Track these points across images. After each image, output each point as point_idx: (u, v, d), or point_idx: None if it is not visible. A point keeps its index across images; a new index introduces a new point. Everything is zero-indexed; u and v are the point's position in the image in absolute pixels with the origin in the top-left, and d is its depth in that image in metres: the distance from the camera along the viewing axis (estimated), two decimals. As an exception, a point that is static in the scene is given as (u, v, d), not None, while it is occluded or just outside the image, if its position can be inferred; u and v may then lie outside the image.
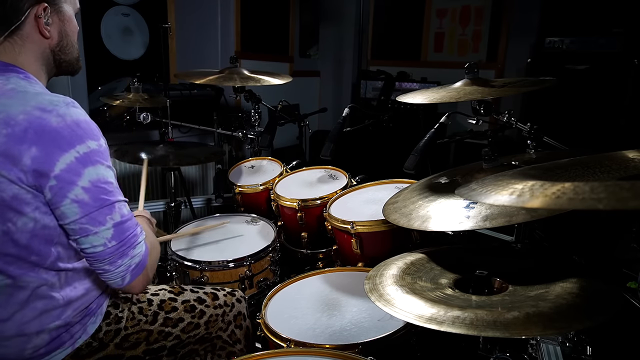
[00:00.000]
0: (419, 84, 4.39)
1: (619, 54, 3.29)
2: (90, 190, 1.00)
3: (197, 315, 1.33)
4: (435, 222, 1.23)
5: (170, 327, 1.28)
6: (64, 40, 1.13)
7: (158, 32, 2.73)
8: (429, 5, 4.80)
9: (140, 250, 1.11)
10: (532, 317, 0.90)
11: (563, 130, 2.29)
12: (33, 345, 1.06)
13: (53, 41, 1.11)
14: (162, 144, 2.47)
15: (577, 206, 0.63)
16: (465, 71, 1.51)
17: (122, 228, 1.06)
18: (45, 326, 1.06)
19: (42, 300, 1.05)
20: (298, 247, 2.11)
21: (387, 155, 3.06)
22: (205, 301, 1.37)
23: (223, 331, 1.39)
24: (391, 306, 1.05)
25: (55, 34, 1.11)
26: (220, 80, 2.38)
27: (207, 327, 1.35)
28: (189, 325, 1.31)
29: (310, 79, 5.16)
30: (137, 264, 1.10)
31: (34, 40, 1.07)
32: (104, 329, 1.18)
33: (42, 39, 1.08)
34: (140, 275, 1.12)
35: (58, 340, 1.09)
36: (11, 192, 0.96)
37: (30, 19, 1.05)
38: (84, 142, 0.99)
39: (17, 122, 0.95)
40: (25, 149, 0.94)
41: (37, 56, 1.10)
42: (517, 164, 1.42)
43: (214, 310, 1.37)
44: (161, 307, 1.29)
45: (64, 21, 1.12)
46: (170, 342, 1.28)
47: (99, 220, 1.02)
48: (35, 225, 1.00)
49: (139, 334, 1.23)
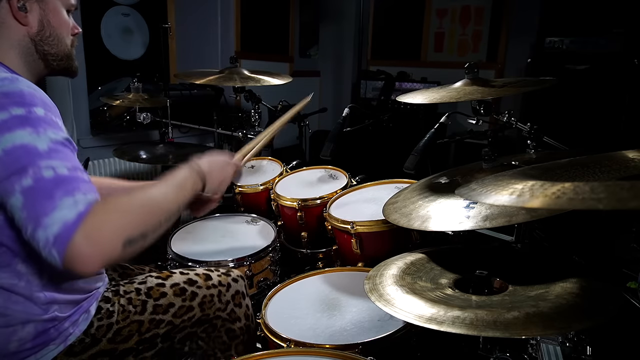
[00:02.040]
0: (419, 84, 4.39)
1: (619, 54, 3.29)
2: (1, 158, 0.87)
3: (189, 298, 1.30)
4: (435, 222, 1.23)
5: (161, 314, 1.24)
6: (46, 30, 1.09)
7: (158, 32, 2.74)
8: (429, 5, 4.80)
9: (58, 216, 0.83)
10: (532, 317, 0.90)
11: (563, 130, 2.28)
12: (18, 337, 1.03)
13: (32, 30, 1.07)
14: (162, 144, 2.47)
15: (577, 206, 0.63)
16: (465, 71, 1.51)
17: (33, 194, 0.85)
18: (31, 318, 1.03)
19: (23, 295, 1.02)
20: (298, 247, 2.11)
21: (387, 155, 3.06)
22: (197, 282, 1.33)
23: (222, 311, 1.36)
24: (391, 306, 1.05)
25: (35, 22, 1.07)
26: (220, 80, 2.38)
27: (202, 308, 1.31)
28: (180, 309, 1.27)
29: (310, 79, 5.16)
30: (56, 235, 0.82)
31: (9, 27, 1.04)
32: (96, 324, 1.16)
33: (18, 25, 1.05)
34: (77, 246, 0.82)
35: (45, 335, 1.06)
36: None
37: (3, 3, 1.02)
38: (5, 109, 0.89)
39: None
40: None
41: (14, 44, 1.06)
42: (517, 164, 1.42)
43: (207, 291, 1.33)
44: (149, 294, 1.25)
45: (46, 10, 1.08)
46: (163, 329, 1.25)
47: (8, 189, 0.86)
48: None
49: (130, 326, 1.20)
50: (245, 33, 4.01)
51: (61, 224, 0.83)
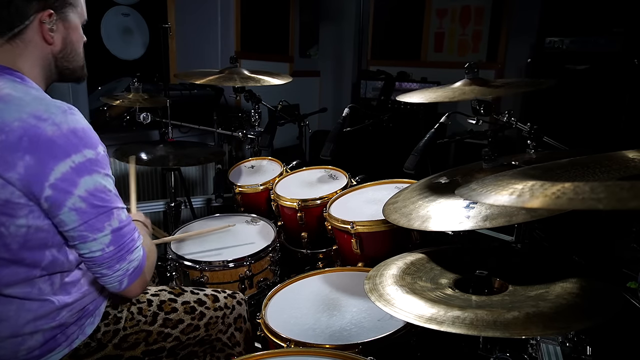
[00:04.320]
0: (419, 84, 4.39)
1: (619, 54, 3.29)
2: (88, 198, 1.00)
3: (197, 317, 1.33)
4: (435, 222, 1.23)
5: (170, 328, 1.27)
6: (68, 48, 1.13)
7: (158, 32, 2.73)
8: (429, 5, 4.80)
9: (137, 254, 1.11)
10: (532, 317, 0.90)
11: (563, 130, 2.28)
12: (27, 346, 1.05)
13: (56, 48, 1.10)
14: (162, 144, 2.47)
15: (577, 206, 0.63)
16: (465, 71, 1.51)
17: (120, 234, 1.06)
18: (40, 327, 1.06)
19: (36, 302, 1.05)
20: (298, 247, 2.11)
21: (387, 155, 3.06)
22: (206, 303, 1.37)
23: (223, 333, 1.39)
24: (391, 306, 1.05)
25: (59, 41, 1.10)
26: (220, 80, 2.38)
27: (207, 329, 1.35)
28: (188, 326, 1.31)
29: (310, 79, 5.16)
30: (134, 268, 1.10)
31: (36, 45, 1.07)
32: (103, 329, 1.18)
33: (44, 44, 1.08)
34: (138, 280, 1.12)
35: (53, 341, 1.09)
36: (3, 197, 0.95)
37: (34, 24, 1.04)
38: (79, 152, 0.98)
39: (11, 129, 0.94)
40: (19, 157, 0.93)
41: (38, 61, 1.09)
42: (517, 164, 1.42)
43: (214, 313, 1.37)
44: (161, 307, 1.29)
45: (69, 29, 1.11)
46: (170, 343, 1.27)
47: (97, 227, 1.02)
48: (29, 229, 0.99)
49: (138, 335, 1.22)
50: (245, 33, 4.01)
51: (139, 261, 1.12)
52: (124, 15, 3.56)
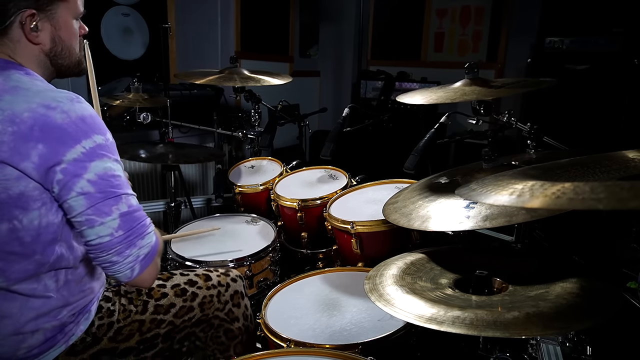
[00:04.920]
0: (419, 84, 4.39)
1: (619, 54, 3.29)
2: (97, 182, 0.99)
3: (189, 299, 1.32)
4: (435, 222, 1.23)
5: (162, 314, 1.26)
6: (58, 46, 1.10)
7: (158, 32, 2.73)
8: (429, 5, 4.80)
9: (149, 240, 1.08)
10: (532, 317, 0.90)
11: (563, 130, 2.28)
12: (27, 345, 1.06)
13: (45, 47, 1.08)
14: (162, 143, 2.47)
15: (577, 206, 0.63)
16: (465, 71, 1.51)
17: (129, 218, 1.04)
18: (41, 326, 1.06)
19: (40, 300, 1.05)
20: (298, 247, 2.11)
21: (387, 155, 3.06)
22: (197, 283, 1.36)
23: (220, 311, 1.38)
24: (391, 306, 1.05)
25: (47, 40, 1.08)
26: (220, 80, 2.38)
27: (202, 308, 1.34)
28: (181, 309, 1.30)
29: (310, 79, 5.16)
30: (145, 255, 1.07)
31: (26, 44, 1.06)
32: (97, 323, 1.18)
33: (31, 44, 1.06)
34: (150, 267, 1.08)
35: (52, 340, 1.09)
36: (18, 190, 0.96)
37: (15, 24, 1.03)
38: (89, 137, 0.99)
39: (22, 119, 0.95)
40: (32, 147, 0.94)
41: (31, 59, 1.08)
42: (517, 164, 1.42)
43: (207, 292, 1.36)
44: (150, 295, 1.28)
45: (57, 27, 1.09)
46: (164, 329, 1.27)
47: (104, 210, 1.00)
48: (40, 222, 1.00)
49: (131, 325, 1.22)
50: (245, 33, 4.01)
51: (150, 247, 1.08)
52: (124, 15, 3.56)
